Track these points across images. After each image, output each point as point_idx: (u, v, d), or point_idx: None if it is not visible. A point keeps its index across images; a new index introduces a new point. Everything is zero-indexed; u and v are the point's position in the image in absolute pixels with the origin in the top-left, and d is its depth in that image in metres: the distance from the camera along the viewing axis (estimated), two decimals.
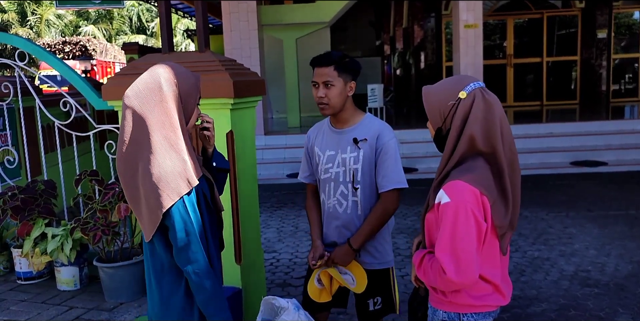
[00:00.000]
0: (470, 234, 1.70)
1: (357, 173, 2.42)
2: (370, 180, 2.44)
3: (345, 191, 2.45)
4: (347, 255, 2.42)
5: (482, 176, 1.75)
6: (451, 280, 1.70)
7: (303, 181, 2.68)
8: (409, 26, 14.85)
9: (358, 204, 2.45)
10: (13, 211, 3.95)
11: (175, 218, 1.78)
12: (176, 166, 1.78)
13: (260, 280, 3.46)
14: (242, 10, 9.65)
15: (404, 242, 5.33)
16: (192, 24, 25.53)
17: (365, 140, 2.41)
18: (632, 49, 13.59)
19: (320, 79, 2.38)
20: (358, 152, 2.42)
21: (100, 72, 21.46)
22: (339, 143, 2.46)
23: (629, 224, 5.59)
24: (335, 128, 2.50)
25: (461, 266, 1.69)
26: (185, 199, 1.79)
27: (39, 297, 4.00)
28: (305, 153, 2.63)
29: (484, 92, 1.79)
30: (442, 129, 1.84)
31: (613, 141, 9.03)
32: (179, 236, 1.78)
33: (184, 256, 1.80)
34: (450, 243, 1.70)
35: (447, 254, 1.70)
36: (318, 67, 2.40)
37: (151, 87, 1.81)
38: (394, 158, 2.41)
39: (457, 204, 1.70)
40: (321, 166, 2.50)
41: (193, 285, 1.83)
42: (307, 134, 2.65)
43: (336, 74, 2.37)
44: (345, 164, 2.43)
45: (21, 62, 4.31)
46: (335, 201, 2.48)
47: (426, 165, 8.66)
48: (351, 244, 2.41)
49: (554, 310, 3.74)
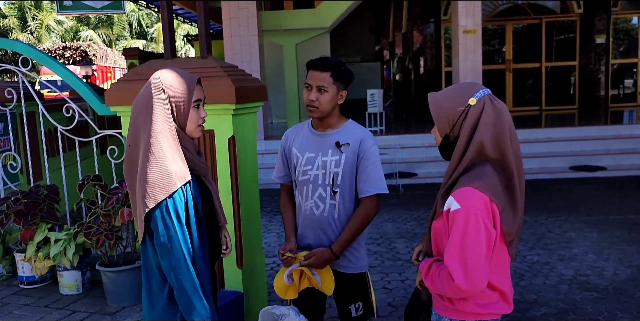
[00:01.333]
0: (479, 241, 1.69)
1: (338, 177, 2.42)
2: (350, 185, 2.45)
3: (323, 194, 2.45)
4: (326, 260, 2.41)
5: (491, 182, 1.76)
6: (459, 287, 1.69)
7: (278, 181, 2.66)
8: (408, 31, 14.91)
9: (336, 207, 2.45)
10: (16, 216, 3.98)
11: (158, 223, 1.81)
12: (160, 170, 1.81)
13: (262, 284, 3.48)
14: (242, 16, 9.69)
15: (404, 246, 5.34)
16: (192, 29, 25.58)
17: (348, 144, 2.42)
18: (630, 54, 13.65)
19: (315, 82, 2.39)
20: (340, 156, 2.42)
21: (100, 78, 21.51)
22: (320, 146, 2.46)
23: (627, 229, 5.62)
24: (317, 131, 2.50)
25: (470, 273, 1.69)
26: (168, 204, 1.81)
27: (41, 301, 4.03)
28: (282, 153, 2.62)
29: (492, 99, 1.80)
30: (449, 136, 1.84)
31: (612, 145, 9.07)
32: (162, 241, 1.81)
33: (166, 261, 1.82)
34: (460, 250, 1.70)
35: (456, 261, 1.70)
36: (314, 70, 2.41)
37: (144, 95, 1.90)
38: (375, 164, 2.43)
39: (468, 211, 1.70)
40: (299, 168, 2.49)
41: (176, 292, 1.85)
42: (285, 134, 2.64)
43: (331, 81, 2.39)
44: (325, 166, 2.43)
45: (24, 68, 4.34)
46: (312, 204, 2.47)
47: (425, 170, 8.69)
48: (333, 250, 2.40)
49: (553, 314, 3.75)
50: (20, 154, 5.34)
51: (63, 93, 5.11)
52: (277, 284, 2.47)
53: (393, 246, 5.36)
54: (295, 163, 2.52)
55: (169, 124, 1.87)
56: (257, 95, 3.30)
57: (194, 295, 1.84)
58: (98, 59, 23.98)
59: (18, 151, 5.43)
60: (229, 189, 3.14)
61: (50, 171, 4.66)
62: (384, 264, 4.83)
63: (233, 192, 3.14)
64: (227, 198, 3.11)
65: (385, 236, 5.70)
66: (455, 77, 10.18)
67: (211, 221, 2.09)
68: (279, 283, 2.46)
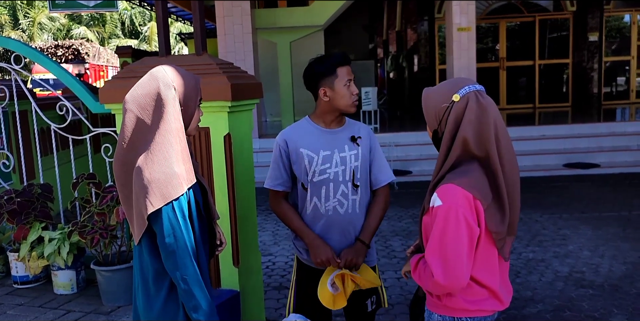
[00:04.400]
0: (459, 238, 1.68)
1: (357, 171, 2.43)
2: (366, 178, 2.47)
3: (345, 191, 2.43)
4: (362, 254, 2.37)
5: (477, 180, 1.74)
6: (438, 282, 1.70)
7: (276, 189, 2.50)
8: (402, 29, 14.91)
9: (357, 202, 2.44)
10: (10, 215, 3.94)
11: (164, 224, 1.77)
12: (168, 171, 1.77)
13: (258, 282, 3.46)
14: (236, 14, 9.66)
15: (399, 244, 5.34)
16: (184, 27, 25.49)
17: (361, 138, 2.46)
18: (623, 51, 13.70)
19: (351, 76, 2.42)
20: (357, 149, 2.44)
21: (93, 76, 21.39)
22: (334, 142, 2.43)
23: (621, 226, 5.64)
24: (327, 128, 2.47)
25: (449, 269, 1.68)
26: (174, 204, 1.78)
27: (35, 301, 4.00)
28: (281, 158, 2.47)
29: (479, 96, 1.77)
30: (438, 131, 1.85)
31: (605, 143, 9.10)
32: (168, 241, 1.78)
33: (172, 262, 1.80)
34: (439, 246, 1.70)
35: (435, 258, 1.71)
36: (345, 65, 2.41)
37: (149, 92, 1.81)
38: (382, 154, 2.53)
39: (449, 208, 1.70)
40: (315, 168, 2.40)
41: (181, 291, 1.82)
42: (283, 138, 2.48)
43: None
44: (345, 162, 2.42)
45: (17, 66, 4.30)
46: (336, 202, 2.42)
47: (419, 168, 8.70)
48: (364, 241, 2.40)
49: (550, 311, 3.76)
50: (12, 153, 5.30)
51: (57, 91, 5.07)
52: (322, 296, 2.31)
53: (388, 244, 5.36)
54: (308, 164, 2.41)
55: (181, 123, 1.83)
56: (253, 92, 3.27)
57: (200, 294, 1.83)
58: (90, 58, 23.82)
59: (10, 150, 5.39)
60: (224, 187, 3.11)
61: (43, 169, 4.63)
62: (379, 262, 4.82)
63: (229, 190, 3.11)
64: (222, 196, 3.09)
65: (380, 233, 5.70)
66: (449, 75, 10.18)
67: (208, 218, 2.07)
68: (324, 294, 2.31)
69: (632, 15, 13.50)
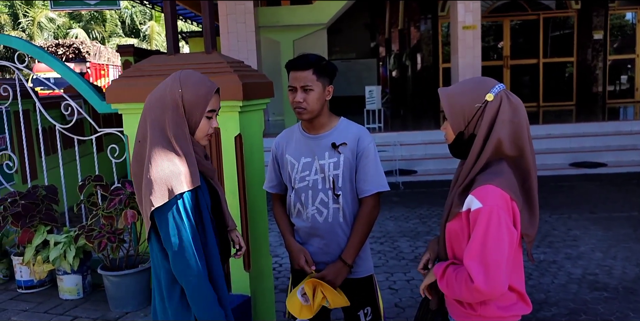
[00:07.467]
0: (502, 241, 1.62)
1: (338, 179, 2.32)
2: (351, 186, 2.34)
3: (325, 199, 2.34)
4: (342, 274, 2.30)
5: (510, 180, 1.69)
6: (479, 289, 1.61)
7: (270, 191, 2.54)
8: (405, 28, 14.83)
9: (340, 211, 2.34)
10: (14, 218, 3.84)
11: (170, 223, 1.78)
12: (168, 171, 1.78)
13: (269, 286, 3.38)
14: (239, 12, 9.60)
15: (407, 245, 5.27)
16: (185, 26, 25.39)
17: (345, 144, 2.32)
18: (627, 50, 13.63)
19: (299, 83, 2.29)
20: (338, 157, 2.32)
21: (93, 75, 21.29)
22: (315, 149, 2.35)
23: (632, 227, 5.57)
24: (309, 134, 2.39)
25: (491, 274, 1.61)
26: (179, 205, 1.78)
27: (41, 307, 3.90)
28: (273, 162, 2.49)
29: (508, 95, 1.74)
30: (464, 133, 1.77)
31: (611, 142, 9.03)
32: (173, 241, 1.78)
33: (178, 263, 1.79)
34: (481, 250, 1.62)
35: (476, 263, 1.63)
36: (295, 70, 2.30)
37: (159, 95, 1.88)
38: (374, 162, 2.33)
39: (491, 210, 1.63)
40: (296, 174, 2.36)
41: (187, 292, 1.81)
42: (275, 141, 2.50)
43: (315, 78, 2.28)
44: (324, 170, 2.32)
45: (21, 65, 4.22)
46: (315, 210, 2.35)
47: (424, 167, 8.63)
48: (345, 260, 2.30)
49: (565, 314, 3.69)
50: (15, 153, 5.22)
51: (60, 90, 4.99)
52: (291, 303, 2.30)
53: (396, 245, 5.28)
54: (291, 170, 2.39)
55: (182, 129, 1.85)
56: (264, 91, 3.19)
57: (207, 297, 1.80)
58: (91, 56, 23.71)
59: (13, 150, 5.31)
60: (235, 189, 3.04)
61: (46, 170, 4.54)
62: (388, 264, 4.76)
63: (240, 192, 3.04)
64: (233, 198, 3.02)
65: (387, 234, 5.63)
66: (454, 74, 10.11)
67: (219, 224, 2.05)
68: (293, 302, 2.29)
69: (637, 13, 13.43)
